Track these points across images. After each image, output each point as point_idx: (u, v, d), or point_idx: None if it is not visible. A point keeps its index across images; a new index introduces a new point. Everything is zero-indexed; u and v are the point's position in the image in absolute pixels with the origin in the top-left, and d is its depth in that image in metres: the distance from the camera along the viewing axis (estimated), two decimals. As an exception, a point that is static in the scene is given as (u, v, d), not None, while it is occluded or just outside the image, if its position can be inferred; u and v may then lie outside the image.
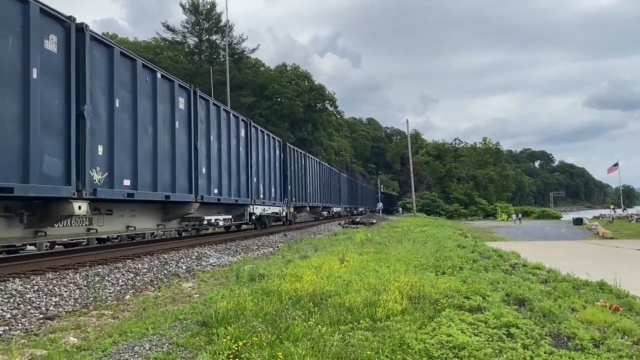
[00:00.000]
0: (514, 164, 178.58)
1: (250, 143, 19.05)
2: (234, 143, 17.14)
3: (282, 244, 18.77)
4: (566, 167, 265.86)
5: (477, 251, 15.13)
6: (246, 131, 18.77)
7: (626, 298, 8.50)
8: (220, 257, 13.72)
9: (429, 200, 75.79)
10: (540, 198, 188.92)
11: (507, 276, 9.86)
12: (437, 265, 10.70)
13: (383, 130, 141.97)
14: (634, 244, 26.43)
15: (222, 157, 15.88)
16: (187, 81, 15.46)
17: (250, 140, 19.13)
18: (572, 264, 13.24)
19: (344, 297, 6.87)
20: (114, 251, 11.94)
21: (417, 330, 5.50)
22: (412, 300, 6.95)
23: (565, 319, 6.29)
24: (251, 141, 19.21)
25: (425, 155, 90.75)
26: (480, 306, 6.67)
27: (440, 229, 30.89)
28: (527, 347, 5.11)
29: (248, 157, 18.84)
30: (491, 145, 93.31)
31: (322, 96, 75.54)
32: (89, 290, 8.31)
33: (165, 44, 65.20)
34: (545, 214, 73.40)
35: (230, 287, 8.47)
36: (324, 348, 4.86)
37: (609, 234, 34.75)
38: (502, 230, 41.64)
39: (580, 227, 44.98)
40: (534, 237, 35.12)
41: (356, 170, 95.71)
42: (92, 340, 5.34)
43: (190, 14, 64.47)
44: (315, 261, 10.94)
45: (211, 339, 5.23)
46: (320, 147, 73.04)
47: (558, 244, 27.94)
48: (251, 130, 19.30)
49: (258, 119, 56.01)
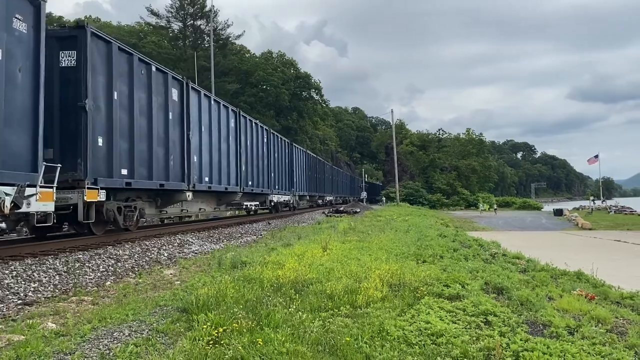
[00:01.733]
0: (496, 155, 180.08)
1: (270, 147, 25.27)
2: (261, 148, 23.41)
3: (266, 232, 18.77)
4: (548, 159, 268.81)
5: (458, 240, 15.31)
6: (267, 137, 24.84)
7: (602, 287, 8.70)
8: (202, 245, 13.68)
9: (412, 190, 76.21)
10: (522, 189, 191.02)
11: (487, 265, 10.00)
12: (418, 254, 10.81)
13: (368, 120, 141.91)
14: (612, 234, 26.96)
15: (254, 160, 22.06)
16: (170, 67, 15.68)
17: (270, 144, 25.34)
18: (551, 254, 13.48)
19: (326, 284, 6.91)
20: (95, 237, 11.82)
21: (396, 317, 5.56)
22: (392, 287, 7.01)
23: (542, 307, 6.40)
24: (270, 145, 25.35)
25: (409, 146, 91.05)
26: (460, 294, 6.75)
27: (423, 219, 31.14)
28: (503, 334, 5.19)
29: (269, 158, 25.02)
30: (474, 136, 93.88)
31: (307, 84, 75.11)
32: (69, 276, 8.24)
33: (149, 29, 64.20)
34: (526, 205, 74.28)
35: (212, 274, 8.46)
36: (304, 334, 4.89)
37: (588, 225, 35.36)
38: (484, 220, 42.10)
39: (561, 218, 45.68)
40: (515, 227, 35.61)
41: (341, 160, 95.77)
42: (70, 326, 5.31)
43: (175, -1, 63.52)
44: (298, 249, 10.97)
45: (191, 325, 5.23)
46: (305, 135, 72.82)
47: (538, 235, 28.39)
48: (270, 136, 25.46)
49: (243, 105, 55.56)
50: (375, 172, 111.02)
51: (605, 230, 31.21)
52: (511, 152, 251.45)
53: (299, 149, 34.13)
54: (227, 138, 18.47)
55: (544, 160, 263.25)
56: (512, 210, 67.94)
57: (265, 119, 54.68)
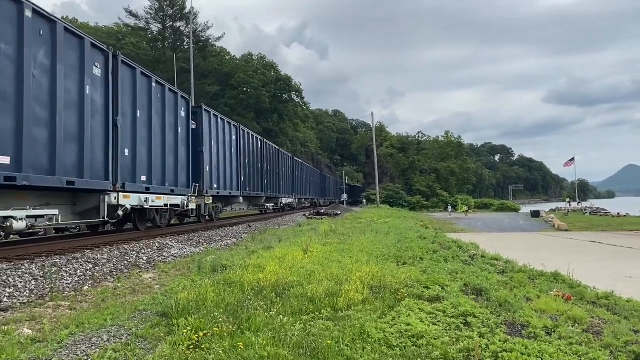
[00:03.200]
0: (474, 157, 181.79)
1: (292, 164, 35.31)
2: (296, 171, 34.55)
3: (246, 234, 18.69)
4: (525, 161, 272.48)
5: (437, 242, 15.43)
6: (292, 160, 34.23)
7: (578, 287, 8.85)
8: (182, 248, 13.57)
9: (392, 191, 76.60)
10: (499, 191, 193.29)
11: (466, 266, 10.10)
12: (398, 256, 10.86)
13: (349, 122, 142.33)
14: (587, 235, 27.45)
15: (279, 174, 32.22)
16: (149, 68, 15.74)
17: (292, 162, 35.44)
18: (529, 255, 13.67)
19: (306, 287, 6.91)
20: (72, 241, 11.65)
21: (377, 320, 5.58)
22: (373, 289, 7.04)
23: (520, 308, 6.49)
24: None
25: (389, 148, 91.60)
26: (439, 295, 6.81)
27: (403, 220, 31.30)
28: (482, 335, 5.25)
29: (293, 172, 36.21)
30: (453, 138, 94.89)
31: (288, 87, 75.08)
32: (45, 280, 8.10)
33: (127, 30, 63.44)
34: (504, 207, 75.16)
35: (191, 278, 8.40)
36: (285, 337, 4.88)
37: (564, 226, 35.96)
38: (462, 221, 42.52)
39: (538, 220, 46.34)
40: (493, 228, 36.01)
41: (322, 162, 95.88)
42: (47, 332, 5.22)
43: (154, 0, 62.94)
44: (278, 252, 10.94)
45: (171, 329, 5.19)
46: (285, 137, 72.73)
47: (516, 236, 28.75)
48: (292, 158, 32.79)
49: (223, 108, 55.31)
50: (356, 174, 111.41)
51: (581, 231, 31.77)
52: (489, 154, 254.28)
53: (286, 155, 38.05)
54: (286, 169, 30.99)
55: (521, 163, 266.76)
56: (490, 211, 68.72)
57: (246, 121, 54.46)
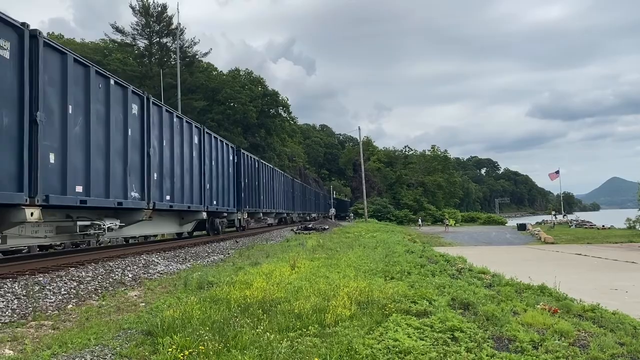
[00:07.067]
0: (461, 171, 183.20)
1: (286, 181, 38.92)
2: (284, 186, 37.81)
3: (234, 250, 18.57)
4: (511, 175, 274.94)
5: (425, 256, 15.44)
6: (293, 181, 39.12)
7: (564, 301, 8.89)
8: (168, 265, 13.43)
9: (380, 206, 76.84)
10: (486, 204, 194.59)
11: (454, 281, 10.11)
12: (386, 271, 10.85)
13: (336, 137, 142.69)
14: (573, 248, 27.67)
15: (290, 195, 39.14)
16: (137, 85, 15.35)
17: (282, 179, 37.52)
18: (516, 268, 13.72)
19: (294, 303, 6.87)
20: (57, 259, 11.48)
21: (364, 336, 5.55)
22: (360, 305, 7.01)
23: (507, 322, 6.49)
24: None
25: (376, 162, 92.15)
26: (427, 310, 6.81)
27: (391, 235, 31.35)
28: (470, 350, 5.25)
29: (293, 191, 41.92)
30: (439, 152, 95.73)
31: (275, 102, 75.31)
32: (28, 300, 7.96)
33: (114, 46, 63.43)
34: (491, 220, 75.67)
35: (177, 296, 8.31)
36: (272, 355, 4.84)
37: (550, 239, 36.25)
38: (450, 235, 42.66)
39: (524, 233, 46.66)
40: (480, 242, 36.18)
41: (309, 176, 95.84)
42: (29, 352, 5.12)
43: (141, 16, 62.98)
44: (266, 268, 10.87)
45: (156, 348, 5.11)
46: (273, 152, 72.76)
47: (503, 249, 28.91)
48: (290, 177, 40.29)
49: (210, 123, 55.23)
50: (344, 189, 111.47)
51: (567, 244, 32.03)
52: (475, 168, 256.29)
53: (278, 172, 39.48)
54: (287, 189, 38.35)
55: (507, 176, 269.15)
56: (477, 225, 69.06)
57: (233, 136, 54.51)
